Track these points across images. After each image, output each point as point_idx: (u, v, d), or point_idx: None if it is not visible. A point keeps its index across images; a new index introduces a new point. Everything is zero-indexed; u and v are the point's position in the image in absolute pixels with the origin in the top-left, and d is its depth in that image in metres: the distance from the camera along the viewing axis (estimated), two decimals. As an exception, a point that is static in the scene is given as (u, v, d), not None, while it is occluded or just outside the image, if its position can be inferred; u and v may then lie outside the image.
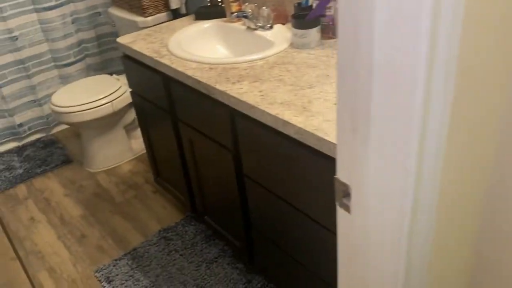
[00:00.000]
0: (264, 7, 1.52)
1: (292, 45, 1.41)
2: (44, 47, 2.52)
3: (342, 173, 0.67)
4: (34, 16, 2.43)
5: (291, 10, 1.58)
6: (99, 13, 2.64)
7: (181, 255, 1.72)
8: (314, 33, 1.36)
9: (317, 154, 0.98)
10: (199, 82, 1.26)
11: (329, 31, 1.42)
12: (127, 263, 1.73)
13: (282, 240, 1.26)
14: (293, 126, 1.00)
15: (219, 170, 1.42)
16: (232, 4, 1.60)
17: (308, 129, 0.97)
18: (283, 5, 1.61)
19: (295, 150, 1.03)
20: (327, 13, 1.40)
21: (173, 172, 1.77)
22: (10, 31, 2.36)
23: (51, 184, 2.26)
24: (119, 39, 1.64)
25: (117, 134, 2.32)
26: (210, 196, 1.59)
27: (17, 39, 2.39)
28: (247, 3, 1.58)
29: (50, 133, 2.72)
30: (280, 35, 1.48)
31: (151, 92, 1.60)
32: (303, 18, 1.37)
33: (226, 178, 1.40)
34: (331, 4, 1.37)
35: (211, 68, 1.32)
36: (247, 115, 1.14)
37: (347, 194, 0.67)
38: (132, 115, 2.35)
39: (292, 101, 1.08)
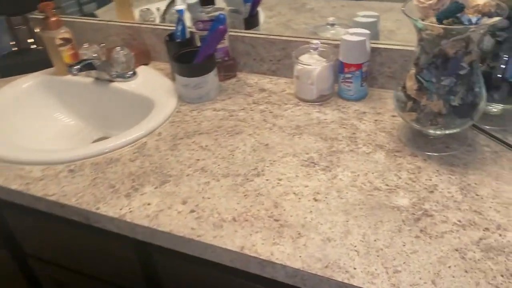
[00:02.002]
0: (118, 48, 1.02)
1: (181, 98, 0.96)
2: None
3: None
4: None
5: (152, 44, 1.12)
6: None
7: None
8: (212, 79, 0.94)
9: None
10: (62, 206, 0.73)
11: (221, 69, 1.02)
12: None
13: None
14: (283, 267, 0.59)
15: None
16: (62, 50, 1.05)
17: (312, 269, 0.57)
18: (139, 38, 1.13)
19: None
20: (219, 46, 0.99)
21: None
22: None
23: None
24: None
25: None
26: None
27: None
28: (86, 44, 1.05)
29: None
30: (155, 85, 1.01)
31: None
32: (190, 61, 0.94)
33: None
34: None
35: (71, 171, 0.79)
36: (176, 251, 0.68)
37: None
38: None
39: (249, 211, 0.67)
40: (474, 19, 0.60)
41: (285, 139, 0.81)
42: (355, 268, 0.57)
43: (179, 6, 0.98)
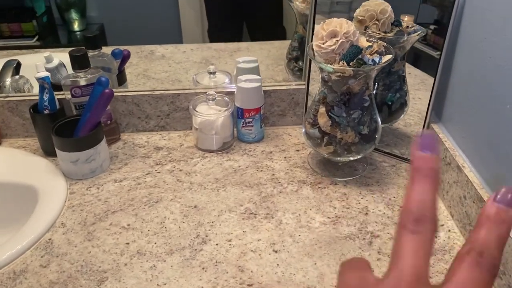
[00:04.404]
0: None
1: (68, 176, 0.83)
2: None
3: None
4: None
5: (3, 118, 0.94)
6: None
7: None
8: (104, 148, 0.84)
9: None
10: None
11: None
12: None
13: None
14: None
15: None
16: None
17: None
18: (-15, 115, 0.93)
19: None
20: (98, 109, 0.89)
21: None
22: None
23: None
24: None
25: None
26: None
27: None
28: None
29: None
30: (25, 167, 0.85)
31: None
32: (70, 132, 0.83)
33: None
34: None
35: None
36: None
37: None
38: None
39: (218, 284, 0.61)
40: (376, 59, 0.69)
41: (212, 195, 0.78)
42: (346, 307, 0.58)
43: (42, 73, 0.85)
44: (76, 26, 1.14)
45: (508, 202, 0.27)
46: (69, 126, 0.84)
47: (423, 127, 0.81)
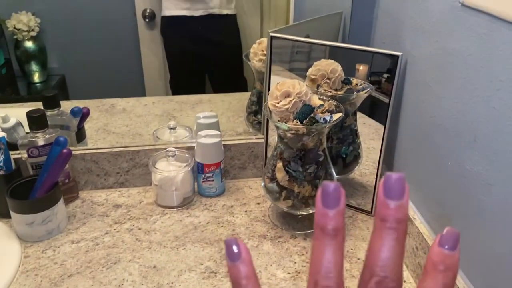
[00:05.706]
0: None
1: (23, 238, 0.81)
2: None
3: None
4: None
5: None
6: None
7: None
8: (61, 208, 0.83)
9: None
10: None
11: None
12: None
13: None
14: None
15: None
16: None
17: None
18: None
19: None
20: (55, 168, 0.88)
21: None
22: None
23: None
24: None
25: None
26: None
27: None
28: None
29: None
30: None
31: None
32: (25, 193, 0.81)
33: None
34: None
35: None
36: None
37: None
38: None
39: None
40: (327, 118, 0.73)
41: (171, 254, 0.78)
42: None
43: (-3, 133, 0.84)
44: (36, 78, 1.13)
45: (453, 245, 0.24)
46: (25, 186, 0.82)
47: (376, 177, 0.84)
